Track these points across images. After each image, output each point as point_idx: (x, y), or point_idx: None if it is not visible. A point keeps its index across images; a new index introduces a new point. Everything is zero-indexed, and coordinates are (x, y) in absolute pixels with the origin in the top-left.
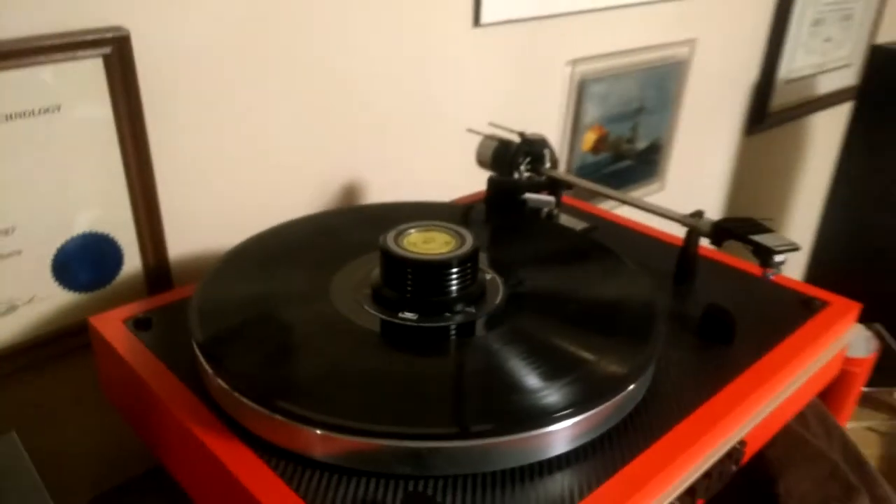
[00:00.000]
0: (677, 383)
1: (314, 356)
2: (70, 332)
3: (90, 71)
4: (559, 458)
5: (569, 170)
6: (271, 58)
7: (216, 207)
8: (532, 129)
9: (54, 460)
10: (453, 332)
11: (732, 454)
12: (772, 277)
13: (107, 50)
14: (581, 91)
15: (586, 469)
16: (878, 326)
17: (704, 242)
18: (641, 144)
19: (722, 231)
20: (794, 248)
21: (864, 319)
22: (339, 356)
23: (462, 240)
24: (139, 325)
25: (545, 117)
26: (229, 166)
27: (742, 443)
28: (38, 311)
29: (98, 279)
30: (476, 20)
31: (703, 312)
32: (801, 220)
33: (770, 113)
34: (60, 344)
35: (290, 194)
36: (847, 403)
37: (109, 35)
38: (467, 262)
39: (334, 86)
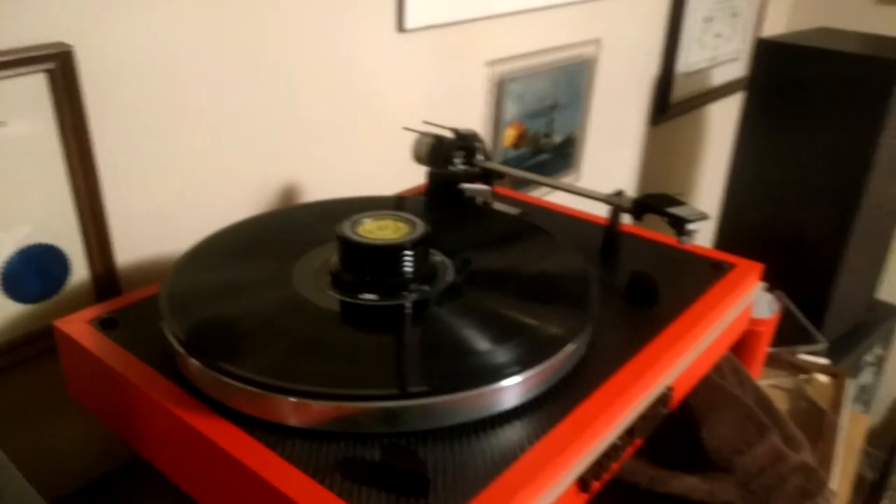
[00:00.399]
0: (611, 341)
1: (286, 336)
2: (22, 343)
3: (34, 86)
4: (516, 409)
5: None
6: (211, 68)
7: (161, 213)
8: (462, 125)
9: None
10: (411, 308)
11: (662, 398)
12: (686, 244)
13: (50, 65)
14: (500, 90)
15: (539, 416)
16: (780, 293)
17: (625, 220)
18: (558, 138)
19: (641, 206)
20: (704, 217)
21: (766, 287)
22: (309, 335)
23: (413, 226)
24: (105, 324)
25: (469, 115)
26: (174, 173)
27: (670, 388)
28: None
29: (46, 289)
30: (400, 26)
31: (629, 279)
32: (707, 201)
33: (672, 104)
34: (11, 355)
35: (232, 197)
36: (756, 359)
37: (52, 51)
38: (419, 245)
39: (272, 93)
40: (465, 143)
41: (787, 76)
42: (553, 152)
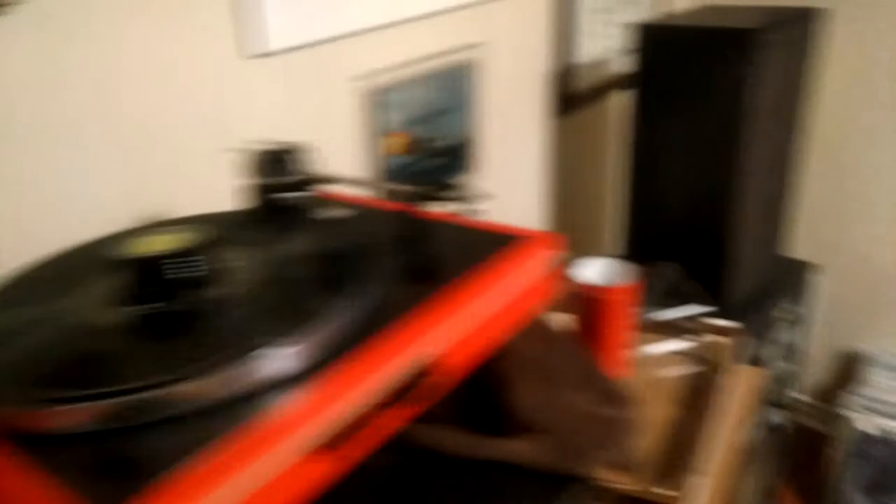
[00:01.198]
0: (382, 315)
1: (42, 356)
2: None
3: None
4: (264, 384)
5: (377, 174)
6: (58, 105)
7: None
8: (333, 141)
9: None
10: (171, 313)
11: (424, 366)
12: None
13: None
14: (376, 101)
15: (284, 391)
16: (675, 265)
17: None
18: (449, 142)
19: (416, 195)
20: (465, 198)
21: (666, 261)
22: (64, 350)
23: (190, 236)
24: None
25: (344, 129)
26: (21, 197)
27: (432, 356)
28: None
29: None
30: (258, 51)
31: (405, 259)
32: (617, 188)
33: (573, 97)
34: None
35: (82, 224)
36: (611, 324)
37: None
38: (181, 255)
39: (122, 125)
40: (282, 155)
41: (660, 58)
42: (448, 156)
